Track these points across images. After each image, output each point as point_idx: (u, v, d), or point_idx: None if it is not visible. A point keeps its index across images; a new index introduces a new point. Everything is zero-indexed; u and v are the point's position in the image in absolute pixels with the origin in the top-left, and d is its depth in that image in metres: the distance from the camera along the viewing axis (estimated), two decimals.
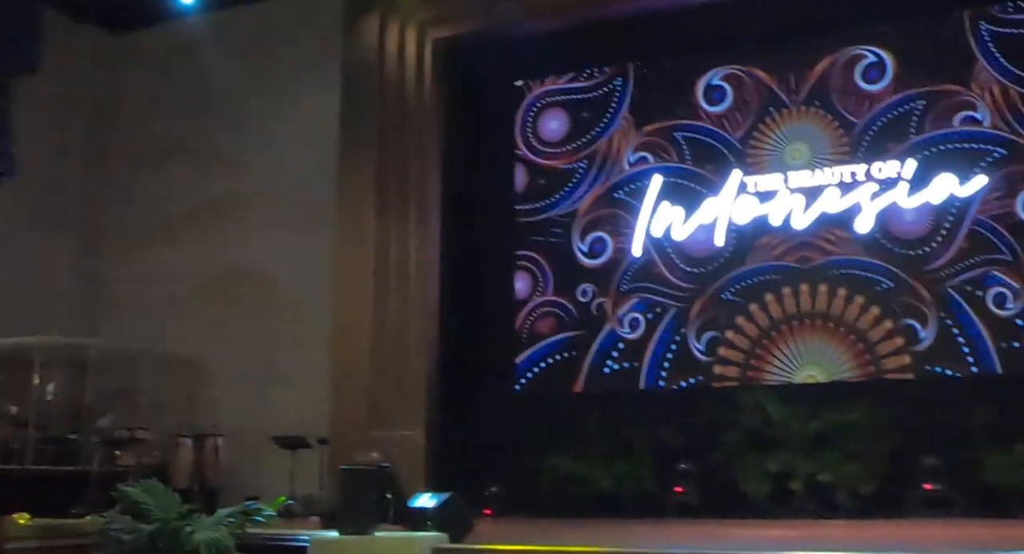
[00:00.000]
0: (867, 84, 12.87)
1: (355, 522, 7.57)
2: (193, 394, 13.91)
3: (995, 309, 11.90)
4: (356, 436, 11.87)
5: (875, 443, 11.68)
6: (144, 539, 7.17)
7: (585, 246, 13.90)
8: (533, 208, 14.23)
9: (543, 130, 14.42)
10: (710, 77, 13.56)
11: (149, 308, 14.44)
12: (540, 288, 14.01)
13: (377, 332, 12.80)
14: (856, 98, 12.88)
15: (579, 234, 13.93)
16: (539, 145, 14.39)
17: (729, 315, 13.01)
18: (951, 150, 12.36)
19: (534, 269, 14.09)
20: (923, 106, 12.51)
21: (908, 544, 7.79)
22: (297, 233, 13.80)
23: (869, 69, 12.91)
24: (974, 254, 12.10)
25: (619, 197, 13.83)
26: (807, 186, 12.91)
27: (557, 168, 14.19)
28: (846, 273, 12.59)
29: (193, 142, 14.95)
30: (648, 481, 12.50)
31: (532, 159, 14.37)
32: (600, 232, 13.85)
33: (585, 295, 13.75)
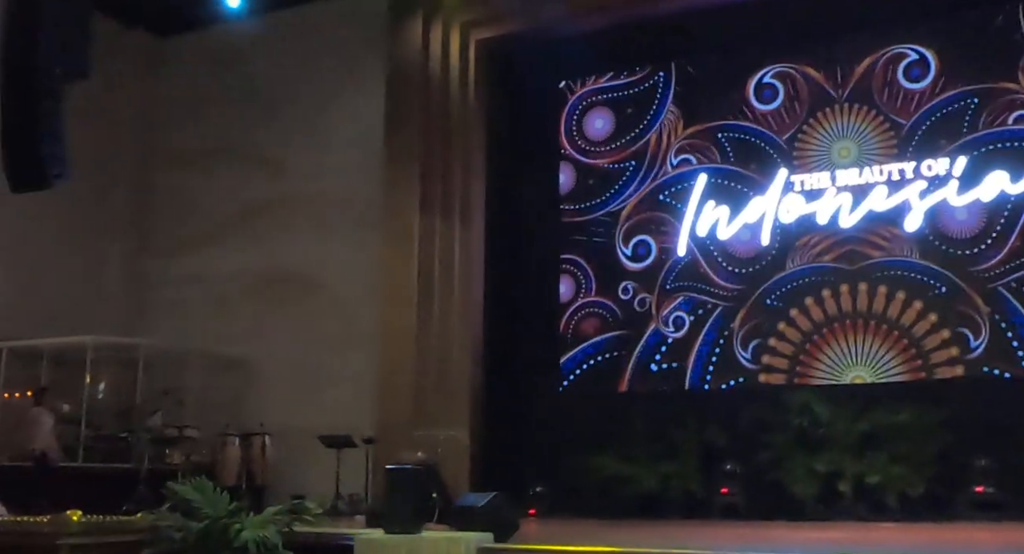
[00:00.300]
0: (910, 82, 12.70)
1: (401, 521, 7.60)
2: (240, 393, 14.07)
3: None
4: (401, 436, 11.93)
5: (925, 445, 11.51)
6: (194, 536, 7.25)
7: (629, 250, 13.84)
8: (577, 209, 14.21)
9: (588, 129, 14.40)
10: (762, 75, 13.44)
11: (197, 308, 14.63)
12: (584, 289, 13.99)
13: (421, 332, 12.85)
14: (904, 96, 12.72)
15: (622, 238, 13.88)
16: (584, 144, 14.37)
17: (774, 320, 12.89)
18: (1003, 148, 12.16)
19: (577, 270, 14.07)
20: (975, 103, 12.32)
21: (958, 548, 7.66)
22: (342, 234, 13.90)
23: (912, 67, 12.75)
24: None
25: (663, 200, 13.76)
26: (855, 184, 12.76)
27: (602, 168, 14.16)
28: (895, 273, 12.42)
29: (239, 144, 15.12)
30: (694, 482, 12.42)
31: (577, 158, 14.35)
32: (644, 235, 13.79)
33: (628, 293, 13.70)
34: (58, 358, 13.35)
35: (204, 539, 7.22)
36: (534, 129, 14.66)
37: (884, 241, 12.54)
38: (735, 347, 13.05)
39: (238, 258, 14.62)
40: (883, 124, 12.77)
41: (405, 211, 13.26)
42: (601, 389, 13.63)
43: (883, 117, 12.77)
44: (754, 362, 12.91)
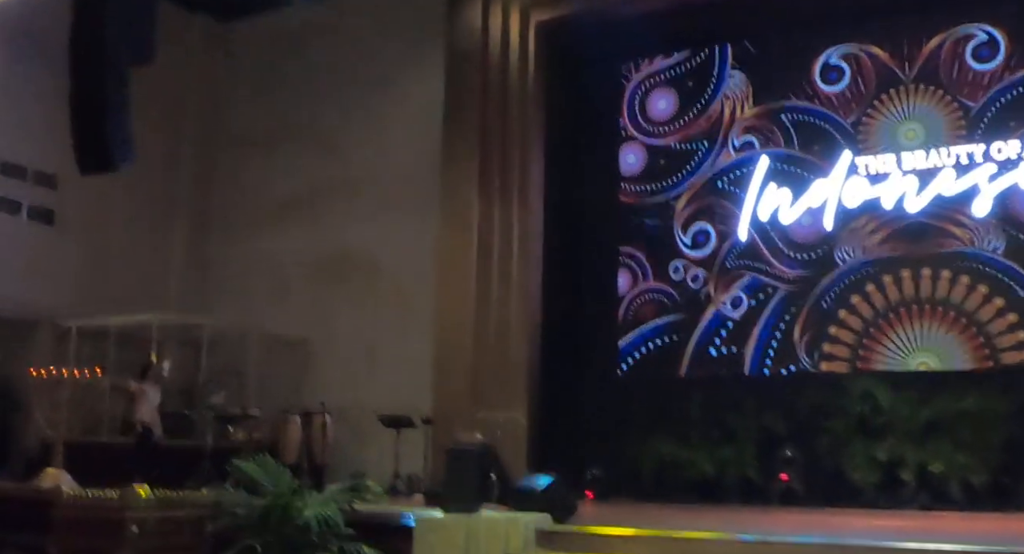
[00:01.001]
0: (979, 63, 12.40)
1: (460, 501, 7.67)
2: (300, 373, 14.25)
3: None
4: (459, 416, 11.99)
5: (990, 433, 11.29)
6: (257, 513, 7.39)
7: (688, 238, 13.72)
8: (638, 192, 14.13)
9: (651, 110, 14.28)
10: (827, 56, 13.20)
11: (258, 289, 14.84)
12: (643, 272, 13.91)
13: (480, 315, 12.89)
14: (973, 77, 12.42)
15: (681, 225, 13.77)
16: (647, 125, 14.26)
17: (836, 306, 12.71)
18: None
19: (637, 254, 14.00)
20: None
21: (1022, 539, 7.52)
22: (401, 217, 13.97)
23: (980, 48, 12.43)
24: None
25: (722, 187, 13.62)
26: (921, 168, 12.50)
27: (664, 150, 14.04)
28: (964, 259, 12.17)
29: (300, 127, 15.25)
30: (752, 467, 12.33)
31: (640, 140, 14.24)
32: (703, 223, 13.66)
33: (686, 276, 13.61)
34: (124, 337, 13.63)
35: (267, 516, 7.36)
36: (594, 111, 14.58)
37: (951, 226, 12.28)
38: (795, 333, 12.91)
39: (298, 240, 14.78)
40: (951, 105, 12.48)
41: (464, 193, 13.28)
42: (659, 373, 13.58)
43: (951, 98, 12.49)
44: (815, 347, 12.76)
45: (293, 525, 7.20)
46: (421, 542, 7.34)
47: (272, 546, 7.16)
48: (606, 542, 7.45)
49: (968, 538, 7.25)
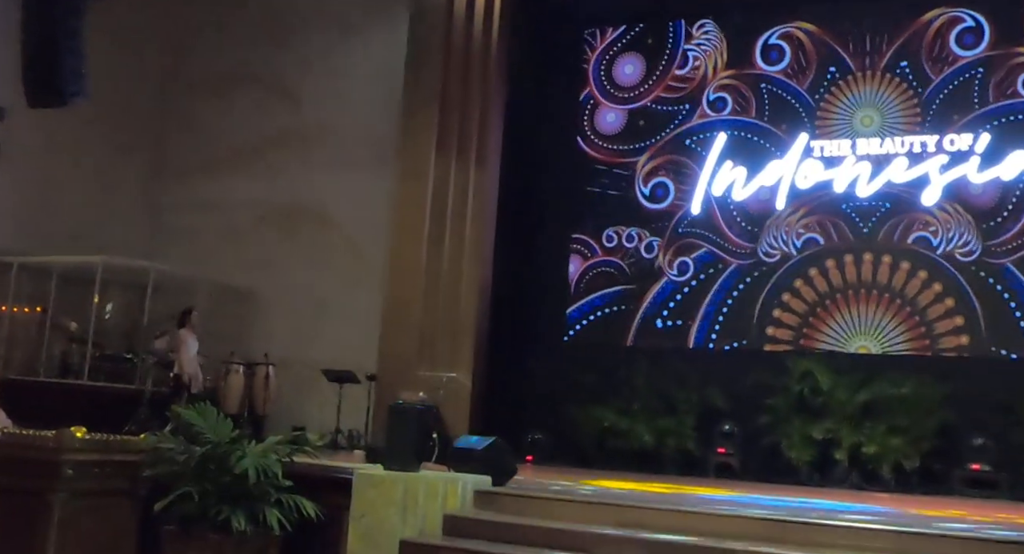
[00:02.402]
0: (943, 54, 12.54)
1: (400, 459, 7.66)
2: (247, 323, 14.14)
3: None
4: (404, 374, 12.00)
5: (924, 419, 11.57)
6: (195, 461, 7.35)
7: (647, 190, 13.78)
8: (599, 156, 14.12)
9: (617, 75, 14.28)
10: (769, 35, 13.35)
11: (207, 236, 14.64)
12: (596, 241, 13.96)
13: (430, 272, 12.85)
14: (933, 67, 12.55)
15: (642, 178, 13.82)
16: (613, 89, 14.26)
17: (783, 285, 12.89)
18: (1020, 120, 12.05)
19: (592, 220, 14.03)
20: (990, 75, 12.20)
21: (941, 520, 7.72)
22: (357, 171, 13.85)
23: (961, 34, 12.55)
24: None
25: (689, 145, 13.68)
26: (875, 154, 12.67)
27: (631, 114, 14.06)
28: (908, 246, 12.38)
29: (260, 74, 15.00)
30: (690, 439, 12.52)
31: (605, 104, 14.24)
32: (663, 177, 13.73)
33: (639, 245, 13.68)
34: (67, 276, 13.40)
35: (204, 464, 7.32)
36: (557, 74, 14.55)
37: (899, 213, 12.47)
38: (741, 310, 13.06)
39: (252, 187, 14.58)
40: (907, 94, 12.63)
41: (421, 149, 13.18)
42: (606, 342, 13.68)
43: (908, 87, 12.63)
44: (759, 326, 12.93)
45: (231, 474, 7.16)
46: (359, 497, 7.33)
47: (209, 494, 7.12)
48: (543, 505, 7.51)
49: (897, 518, 7.42)
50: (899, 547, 6.26)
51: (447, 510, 7.35)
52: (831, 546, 6.33)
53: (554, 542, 6.74)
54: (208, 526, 7.02)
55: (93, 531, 7.37)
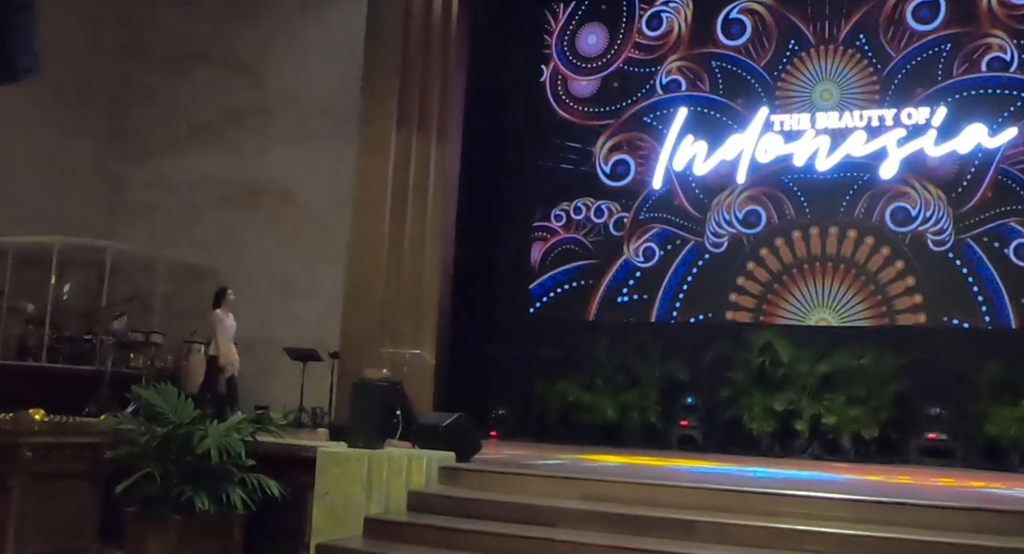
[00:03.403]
0: (901, 29, 12.63)
1: (364, 436, 7.67)
2: (208, 301, 13.96)
3: (1017, 261, 11.82)
4: (367, 352, 11.96)
5: (882, 389, 11.75)
6: (156, 441, 7.30)
7: (608, 168, 13.81)
8: (560, 130, 14.12)
9: (580, 45, 14.26)
10: (729, 10, 13.39)
11: (166, 214, 14.48)
12: (559, 215, 13.97)
13: (392, 249, 12.79)
14: (891, 42, 12.65)
15: (603, 156, 13.84)
16: (575, 60, 14.24)
17: (745, 259, 13.00)
18: (980, 95, 12.17)
19: (555, 195, 14.04)
20: (949, 49, 12.31)
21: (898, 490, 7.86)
22: (318, 146, 13.74)
23: (920, 8, 12.64)
24: (997, 206, 12.00)
25: (648, 122, 13.70)
26: (834, 128, 12.76)
27: (585, 90, 14.05)
28: (866, 218, 12.51)
29: (219, 50, 14.80)
30: (653, 413, 12.63)
31: (567, 75, 14.21)
32: (624, 155, 13.76)
33: (600, 220, 13.72)
34: (23, 257, 13.17)
35: (166, 445, 7.27)
36: (518, 46, 14.51)
37: (859, 187, 12.59)
38: (702, 284, 13.16)
39: (212, 164, 14.42)
40: (866, 69, 12.72)
41: (382, 125, 13.08)
42: (568, 317, 13.72)
43: (866, 62, 12.73)
44: (721, 299, 13.03)
45: (193, 455, 7.12)
46: (324, 475, 7.33)
47: (171, 475, 7.08)
48: (507, 480, 7.54)
49: (855, 487, 7.54)
50: (857, 515, 6.36)
51: (412, 487, 7.37)
52: (791, 515, 6.42)
53: (519, 517, 6.78)
54: (170, 507, 6.99)
55: (54, 514, 7.32)
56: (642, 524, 6.46)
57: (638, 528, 6.43)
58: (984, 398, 11.33)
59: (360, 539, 6.89)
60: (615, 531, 6.43)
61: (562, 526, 6.60)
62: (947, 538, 5.95)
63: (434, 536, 6.67)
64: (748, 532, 6.24)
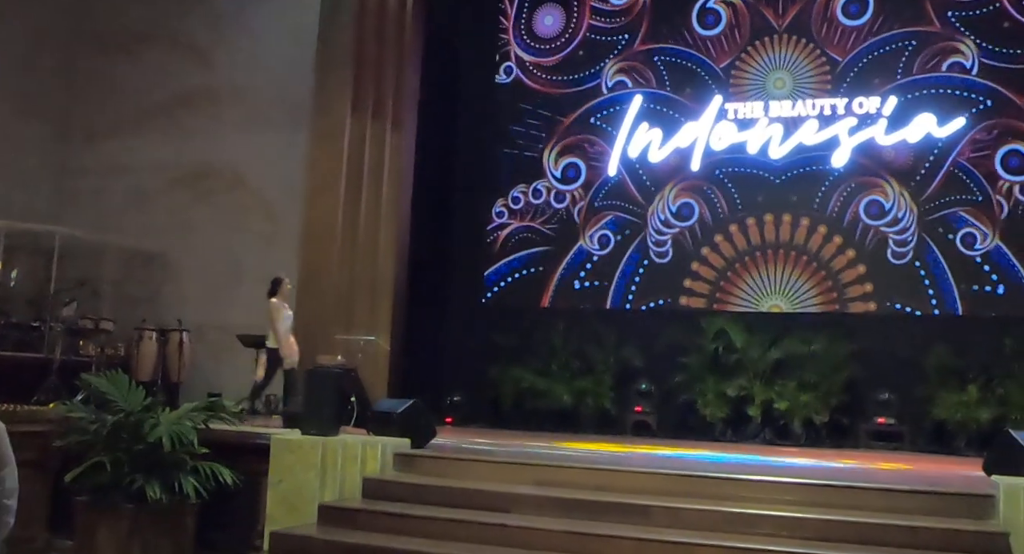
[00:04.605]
0: (848, 19, 12.77)
1: (318, 423, 7.64)
2: (159, 288, 13.83)
3: (964, 249, 12.03)
4: (321, 338, 11.87)
5: (833, 375, 11.92)
6: (107, 429, 7.21)
7: (558, 172, 13.84)
8: (514, 116, 14.10)
9: (536, 27, 14.23)
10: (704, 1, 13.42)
11: (115, 199, 14.23)
12: (515, 201, 13.98)
13: (346, 235, 12.71)
14: (841, 32, 12.78)
15: (553, 159, 13.86)
16: (532, 42, 14.22)
17: (699, 245, 13.10)
18: (934, 93, 12.35)
19: (510, 181, 14.04)
20: (912, 46, 12.46)
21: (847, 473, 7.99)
22: (271, 130, 13.57)
23: (851, 3, 12.80)
24: (945, 195, 12.19)
25: (595, 123, 13.74)
26: (787, 116, 12.88)
27: (541, 76, 14.05)
28: (821, 207, 12.65)
29: (169, 32, 14.55)
30: (608, 399, 12.71)
31: (522, 58, 14.18)
32: (574, 158, 13.79)
33: (558, 209, 13.75)
34: None
35: (116, 432, 7.20)
36: (474, 29, 14.47)
37: (812, 175, 12.73)
38: (657, 270, 13.24)
39: (162, 149, 14.19)
40: (819, 58, 12.85)
41: (336, 110, 12.96)
42: (523, 303, 13.74)
43: (819, 51, 12.85)
44: (676, 285, 13.12)
45: (145, 443, 7.06)
46: (277, 462, 7.29)
47: (122, 464, 7.01)
48: (462, 466, 7.56)
49: (805, 471, 7.65)
50: (807, 499, 6.46)
51: (366, 473, 7.37)
52: (743, 499, 6.50)
53: (474, 502, 6.81)
54: (122, 496, 6.92)
55: None
56: (596, 509, 6.51)
57: (592, 513, 6.48)
58: (932, 383, 11.55)
59: (314, 526, 6.88)
60: (569, 516, 6.49)
61: (516, 512, 6.63)
62: (894, 520, 6.07)
63: (388, 522, 6.67)
64: (701, 516, 6.32)
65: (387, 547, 6.30)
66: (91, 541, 6.98)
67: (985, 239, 11.95)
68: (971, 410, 11.14)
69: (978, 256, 11.97)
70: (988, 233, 11.95)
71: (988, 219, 11.99)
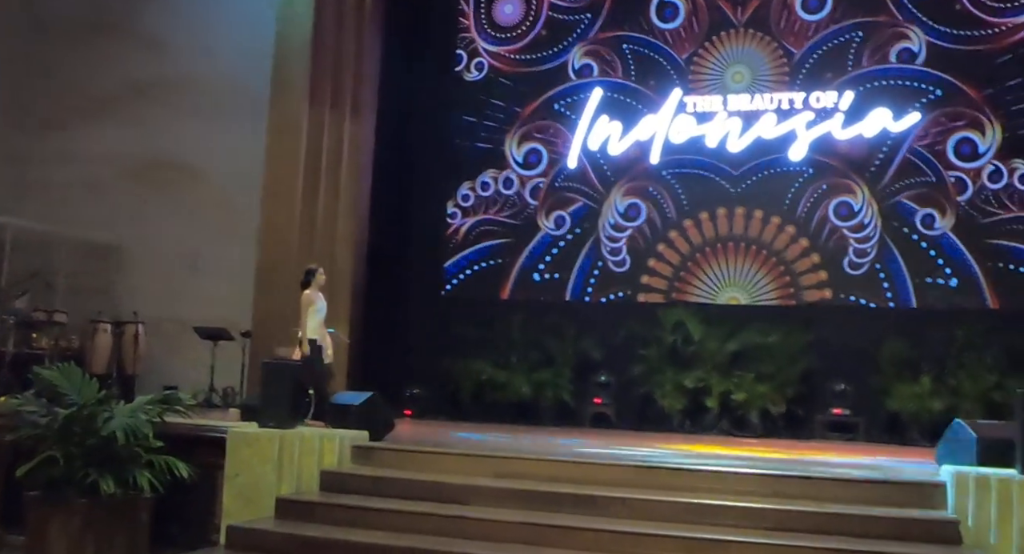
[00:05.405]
0: (807, 13, 12.87)
1: (276, 416, 7.58)
2: (113, 280, 13.65)
3: (919, 242, 12.18)
4: (279, 330, 11.77)
5: (789, 366, 12.04)
6: (59, 423, 7.10)
7: (520, 157, 13.84)
8: (475, 106, 14.06)
9: (496, 15, 14.21)
10: None
11: (69, 190, 14.01)
12: (475, 192, 13.96)
13: (304, 227, 12.62)
14: (799, 26, 12.88)
15: (515, 144, 13.86)
16: (493, 30, 14.19)
17: (658, 237, 13.17)
18: (887, 85, 12.48)
19: (470, 172, 14.01)
20: (860, 37, 12.59)
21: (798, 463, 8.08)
22: (228, 121, 13.44)
23: None
24: (902, 186, 12.33)
25: (558, 109, 13.75)
26: (745, 110, 12.97)
27: (501, 66, 14.03)
28: (778, 199, 12.76)
29: (124, 19, 14.35)
30: (567, 391, 12.74)
31: (483, 48, 14.15)
32: (536, 144, 13.80)
33: (515, 197, 13.75)
34: None
35: (69, 426, 7.09)
36: (434, 19, 14.39)
37: (767, 168, 12.83)
38: (616, 262, 13.28)
39: (117, 139, 14.01)
40: (777, 51, 12.94)
41: (293, 101, 12.84)
42: (483, 295, 13.74)
43: (777, 45, 12.94)
44: (635, 278, 13.18)
45: (98, 436, 6.95)
46: (234, 456, 7.24)
47: (75, 458, 6.90)
48: (421, 459, 7.55)
49: (760, 462, 7.72)
50: (762, 489, 6.52)
51: (324, 466, 7.34)
52: (700, 490, 6.55)
53: (432, 495, 6.80)
54: (75, 491, 6.82)
55: None
56: (554, 501, 6.53)
57: (550, 505, 6.50)
58: (886, 374, 11.70)
59: (271, 520, 6.84)
60: (528, 508, 6.50)
61: (475, 504, 6.63)
62: (848, 509, 6.14)
63: (346, 515, 6.65)
64: (658, 507, 6.36)
65: (344, 540, 6.27)
66: (43, 536, 6.87)
67: (939, 230, 12.10)
68: (924, 401, 11.30)
69: (932, 249, 12.13)
70: (943, 224, 12.09)
71: (941, 209, 12.15)
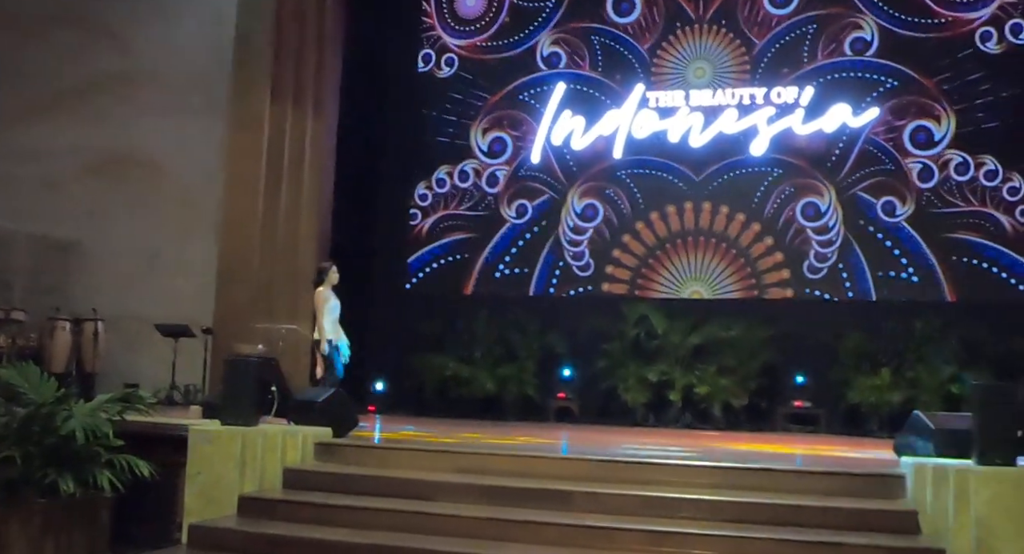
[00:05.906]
0: (774, 7, 12.98)
1: (238, 413, 7.51)
2: (72, 277, 13.47)
3: (878, 235, 12.32)
4: (241, 327, 11.72)
5: (751, 359, 12.15)
6: (17, 422, 7.01)
7: (485, 145, 13.84)
8: (438, 100, 14.04)
9: (458, 7, 14.24)
10: None
11: (27, 186, 13.79)
12: (438, 188, 13.94)
13: (267, 223, 12.55)
14: (761, 21, 12.98)
15: (480, 134, 13.85)
16: (456, 24, 14.19)
17: (621, 232, 13.22)
18: (845, 77, 12.61)
19: (432, 168, 13.98)
20: (814, 30, 12.70)
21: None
22: (188, 116, 13.28)
23: None
24: (859, 181, 12.47)
25: (524, 99, 13.77)
26: (707, 105, 13.05)
27: (467, 59, 14.02)
28: (740, 193, 12.85)
29: (82, 14, 14.13)
30: (531, 385, 12.78)
31: (447, 43, 14.13)
32: (501, 133, 13.81)
33: (481, 192, 13.75)
34: None
35: (27, 425, 6.99)
36: (396, 13, 14.38)
37: (729, 163, 12.92)
38: (579, 257, 13.32)
39: (75, 134, 13.80)
40: (739, 48, 13.03)
41: (256, 97, 12.76)
42: (446, 290, 13.74)
43: (739, 41, 13.03)
44: (598, 272, 13.23)
45: (57, 436, 6.87)
46: (195, 454, 7.16)
47: (33, 457, 6.81)
48: (384, 455, 7.53)
49: (722, 455, 7.79)
50: (724, 482, 6.57)
51: (287, 463, 7.29)
52: (662, 483, 6.59)
53: (396, 491, 6.78)
54: (33, 491, 6.73)
55: None
56: (518, 496, 6.54)
57: (514, 500, 6.50)
58: (846, 367, 11.85)
59: (234, 518, 6.78)
60: (492, 503, 6.49)
61: (439, 499, 6.62)
62: (807, 501, 6.21)
63: (309, 513, 6.61)
64: (622, 501, 6.38)
65: (308, 538, 6.24)
66: (1, 537, 6.78)
67: (899, 217, 12.25)
68: (883, 393, 11.45)
69: (891, 242, 12.28)
70: (903, 210, 12.24)
71: (901, 197, 12.31)
